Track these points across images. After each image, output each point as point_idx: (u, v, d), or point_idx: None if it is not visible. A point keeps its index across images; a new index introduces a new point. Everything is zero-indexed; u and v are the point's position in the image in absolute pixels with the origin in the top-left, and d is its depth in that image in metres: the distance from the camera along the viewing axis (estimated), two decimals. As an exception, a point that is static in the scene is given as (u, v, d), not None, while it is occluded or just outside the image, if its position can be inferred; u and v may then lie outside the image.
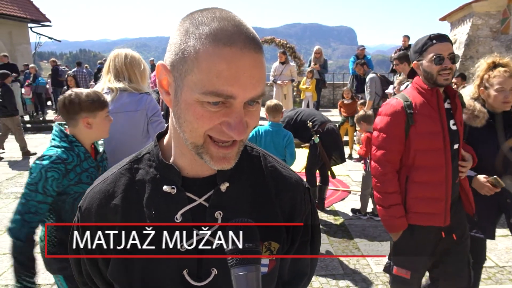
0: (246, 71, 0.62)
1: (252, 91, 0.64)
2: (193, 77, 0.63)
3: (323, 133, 4.39)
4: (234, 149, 0.69)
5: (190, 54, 0.63)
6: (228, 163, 0.69)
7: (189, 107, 0.65)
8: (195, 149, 0.69)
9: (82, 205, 0.81)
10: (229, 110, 0.64)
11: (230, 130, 0.65)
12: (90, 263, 0.82)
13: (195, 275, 0.75)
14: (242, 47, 0.62)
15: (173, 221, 0.74)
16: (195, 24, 0.64)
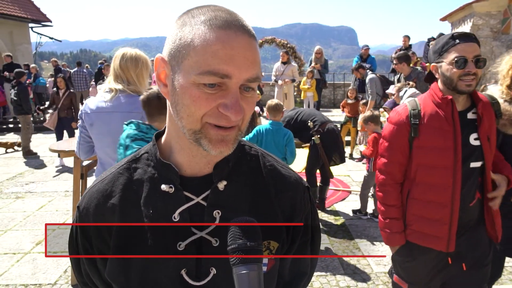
0: (241, 52, 0.64)
1: (247, 72, 0.65)
2: (189, 61, 0.65)
3: (323, 133, 4.38)
4: (232, 132, 0.69)
5: (186, 39, 0.65)
6: (226, 146, 0.69)
7: (185, 91, 0.66)
8: (193, 135, 0.69)
9: (81, 205, 0.81)
10: (225, 92, 0.65)
11: (226, 111, 0.65)
12: (88, 263, 0.82)
13: (194, 275, 0.75)
14: (236, 30, 0.65)
15: (171, 220, 0.74)
16: (191, 16, 0.68)
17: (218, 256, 0.74)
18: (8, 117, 11.99)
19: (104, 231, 0.77)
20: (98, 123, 2.26)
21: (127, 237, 0.75)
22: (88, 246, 0.80)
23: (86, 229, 0.79)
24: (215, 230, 0.75)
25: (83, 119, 2.32)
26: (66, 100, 7.19)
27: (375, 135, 4.24)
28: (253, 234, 0.67)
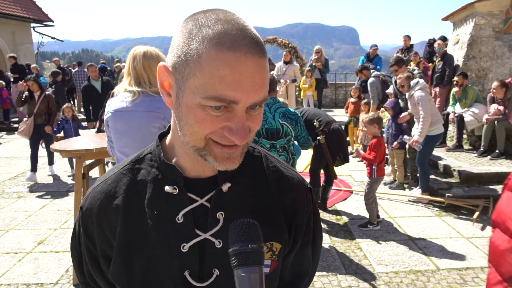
0: (249, 77, 0.61)
1: (255, 96, 0.63)
2: (195, 81, 0.62)
3: (328, 133, 4.37)
4: (238, 149, 0.68)
5: (192, 57, 0.62)
6: (233, 163, 0.69)
7: (190, 111, 0.64)
8: (197, 151, 0.68)
9: (84, 206, 0.81)
10: (231, 115, 0.64)
11: (231, 135, 0.64)
12: (92, 264, 0.82)
13: (197, 276, 0.75)
14: (245, 52, 0.61)
15: (174, 221, 0.74)
16: (198, 26, 0.63)
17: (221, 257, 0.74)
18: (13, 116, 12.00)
19: (108, 232, 0.77)
20: (118, 122, 2.19)
21: (130, 238, 0.75)
22: (91, 247, 0.80)
23: (89, 229, 0.79)
24: (219, 231, 0.74)
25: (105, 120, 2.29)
26: (42, 104, 6.19)
27: (376, 140, 4.16)
28: (255, 236, 0.66)
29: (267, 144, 3.07)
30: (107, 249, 0.78)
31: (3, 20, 14.97)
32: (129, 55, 2.21)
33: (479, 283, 3.17)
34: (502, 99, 6.02)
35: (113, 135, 2.28)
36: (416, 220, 4.47)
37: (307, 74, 9.25)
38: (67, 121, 6.26)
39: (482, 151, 6.25)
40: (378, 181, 4.21)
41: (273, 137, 3.11)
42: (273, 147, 3.15)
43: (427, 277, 3.28)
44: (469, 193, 4.97)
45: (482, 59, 7.16)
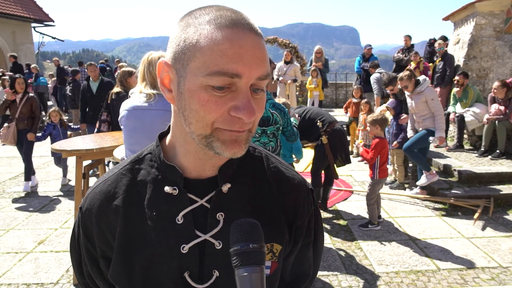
0: (249, 50, 0.62)
1: (258, 70, 0.63)
2: (196, 62, 0.62)
3: (331, 133, 4.36)
4: (243, 133, 0.67)
5: (191, 40, 0.63)
6: (240, 147, 0.67)
7: (193, 95, 0.64)
8: (204, 140, 0.67)
9: (83, 206, 0.80)
10: (235, 94, 0.63)
11: (239, 112, 0.63)
12: (91, 264, 0.81)
13: (197, 277, 0.74)
14: (243, 29, 0.62)
15: (174, 222, 0.73)
16: (194, 17, 0.65)
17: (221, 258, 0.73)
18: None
19: (107, 232, 0.76)
20: (130, 119, 2.25)
21: (130, 238, 0.75)
22: (90, 247, 0.80)
23: (89, 230, 0.79)
24: (219, 232, 0.74)
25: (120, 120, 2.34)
26: (24, 108, 5.51)
27: (379, 140, 4.11)
28: (256, 235, 0.66)
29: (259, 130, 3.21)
30: (106, 250, 0.77)
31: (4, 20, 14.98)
32: (143, 61, 2.27)
33: (479, 283, 3.17)
34: (503, 99, 6.01)
35: (125, 133, 2.31)
36: (417, 220, 4.46)
37: (313, 74, 9.26)
38: (54, 126, 5.79)
39: (483, 151, 6.24)
40: (380, 182, 4.19)
41: (264, 123, 3.27)
42: (264, 133, 3.31)
43: (428, 277, 3.27)
44: (470, 193, 4.96)
45: (482, 59, 7.15)
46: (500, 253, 3.65)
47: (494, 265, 3.45)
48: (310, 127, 4.38)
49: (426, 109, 4.87)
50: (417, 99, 4.86)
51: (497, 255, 3.62)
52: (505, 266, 3.43)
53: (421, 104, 4.86)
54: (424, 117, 4.92)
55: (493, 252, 3.68)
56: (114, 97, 4.42)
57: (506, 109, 5.97)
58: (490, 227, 4.25)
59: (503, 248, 3.75)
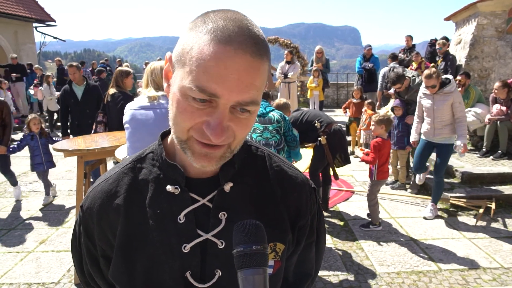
0: (234, 73, 0.59)
1: (239, 95, 0.60)
2: (185, 69, 0.62)
3: (330, 134, 4.36)
4: (218, 151, 0.67)
5: (187, 46, 0.63)
6: (209, 162, 0.67)
7: (175, 99, 0.65)
8: (180, 143, 0.68)
9: (84, 205, 0.80)
10: (213, 110, 0.62)
11: (207, 130, 0.62)
12: (91, 263, 0.81)
13: (199, 277, 0.74)
14: (236, 48, 0.59)
15: (176, 221, 0.73)
16: (204, 21, 0.64)
17: (223, 258, 0.73)
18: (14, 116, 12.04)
19: (108, 232, 0.76)
20: (136, 117, 2.31)
21: (131, 238, 0.75)
22: (91, 246, 0.79)
23: (89, 229, 0.78)
24: (221, 232, 0.73)
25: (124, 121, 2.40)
26: None
27: (377, 141, 4.07)
28: (259, 237, 0.66)
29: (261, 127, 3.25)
30: (107, 249, 0.77)
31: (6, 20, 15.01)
32: (147, 71, 2.44)
33: (481, 284, 3.16)
34: (505, 99, 5.99)
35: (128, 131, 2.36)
36: (418, 221, 4.46)
37: (314, 74, 9.26)
38: (32, 137, 4.93)
39: (485, 152, 6.23)
40: (378, 183, 4.16)
41: (266, 122, 3.35)
42: (266, 129, 3.40)
43: (429, 277, 3.27)
44: (472, 193, 4.96)
45: (484, 59, 7.14)
46: (502, 254, 3.64)
47: (496, 265, 3.44)
48: (308, 129, 4.40)
49: (449, 113, 4.29)
50: (443, 101, 4.28)
51: (498, 255, 3.61)
52: (507, 267, 3.42)
53: (446, 107, 4.27)
54: (445, 122, 4.32)
55: (494, 252, 3.67)
56: (110, 98, 4.35)
57: (508, 109, 5.96)
58: (492, 227, 4.24)
59: (505, 249, 3.74)
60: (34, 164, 4.99)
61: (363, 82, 8.89)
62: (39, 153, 4.97)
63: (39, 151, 4.97)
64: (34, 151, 4.96)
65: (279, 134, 3.42)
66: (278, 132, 3.39)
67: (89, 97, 5.29)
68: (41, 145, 4.97)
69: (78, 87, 5.32)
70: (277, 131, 3.38)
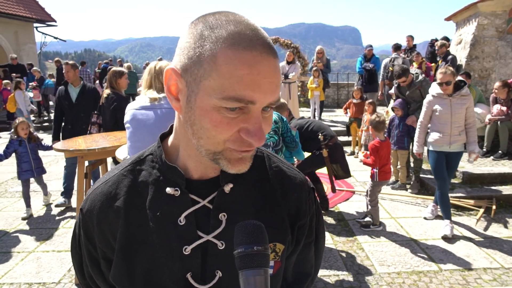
0: (267, 76, 0.61)
1: (272, 96, 0.63)
2: (211, 82, 0.61)
3: (332, 148, 4.42)
4: (251, 152, 0.68)
5: (206, 58, 0.61)
6: (244, 164, 0.68)
7: (205, 114, 0.63)
8: (211, 155, 0.67)
9: (84, 207, 0.79)
10: (247, 116, 0.63)
11: (249, 137, 0.63)
12: (92, 266, 0.81)
13: (199, 278, 0.74)
14: (261, 51, 0.61)
15: (176, 223, 0.73)
16: (209, 27, 0.62)
17: (224, 259, 0.73)
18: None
19: (108, 234, 0.76)
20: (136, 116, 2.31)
21: (131, 240, 0.74)
22: (91, 249, 0.79)
23: (89, 231, 0.78)
24: (221, 233, 0.74)
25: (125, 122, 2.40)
26: None
27: (374, 143, 4.10)
28: (260, 237, 0.65)
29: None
30: (107, 251, 0.77)
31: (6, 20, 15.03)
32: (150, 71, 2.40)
33: (481, 284, 3.16)
34: (505, 100, 6.00)
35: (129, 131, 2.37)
36: (418, 221, 4.46)
37: (314, 74, 9.28)
38: (20, 142, 4.61)
39: (485, 152, 6.23)
40: (380, 184, 4.19)
41: None
42: None
43: (430, 278, 3.27)
44: (472, 193, 4.96)
45: (485, 59, 7.14)
46: (502, 254, 3.64)
47: (496, 266, 3.44)
48: (311, 138, 4.43)
49: (464, 117, 3.99)
50: (461, 105, 3.89)
51: (499, 256, 3.61)
52: (507, 267, 3.42)
53: (463, 112, 3.93)
54: (461, 128, 3.97)
55: (495, 253, 3.67)
56: (104, 100, 4.31)
57: (508, 109, 5.96)
58: (492, 228, 4.24)
59: (505, 249, 3.74)
60: (22, 171, 4.64)
61: (363, 82, 8.90)
62: (28, 160, 4.64)
63: (28, 157, 4.63)
64: (22, 157, 4.63)
65: (277, 135, 3.43)
66: (276, 133, 3.40)
67: (85, 100, 4.83)
68: (30, 150, 4.65)
69: (73, 88, 4.88)
70: (275, 132, 3.39)
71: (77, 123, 4.81)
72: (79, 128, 4.76)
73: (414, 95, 5.28)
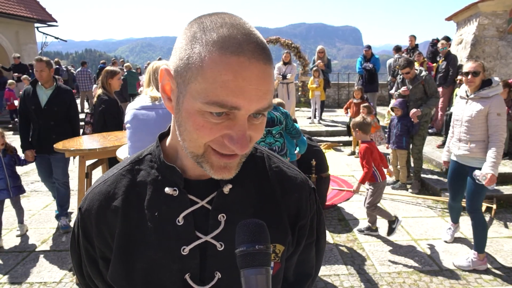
0: (253, 83, 0.59)
1: (258, 104, 0.61)
2: (197, 86, 0.60)
3: (320, 180, 4.46)
4: (236, 159, 0.67)
5: (195, 61, 0.60)
6: (228, 172, 0.68)
7: (189, 117, 0.63)
8: (194, 158, 0.67)
9: (82, 207, 0.79)
10: (232, 123, 0.62)
11: (232, 144, 0.62)
12: (90, 265, 0.81)
13: (198, 279, 0.74)
14: (250, 57, 0.59)
15: (175, 223, 0.73)
16: (203, 29, 0.61)
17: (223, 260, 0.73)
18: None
19: (106, 233, 0.76)
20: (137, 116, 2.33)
21: (130, 240, 0.74)
22: (90, 248, 0.79)
23: (88, 231, 0.78)
24: (220, 234, 0.73)
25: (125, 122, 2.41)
26: None
27: (367, 145, 3.87)
28: (262, 236, 0.65)
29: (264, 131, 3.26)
30: (106, 251, 0.77)
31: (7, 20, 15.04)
32: (149, 70, 2.46)
33: (482, 284, 3.16)
34: (506, 100, 5.99)
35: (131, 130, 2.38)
36: (419, 221, 4.46)
37: (315, 74, 9.28)
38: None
39: (486, 152, 6.22)
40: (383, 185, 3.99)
41: (269, 124, 3.28)
42: (269, 133, 3.34)
43: (430, 277, 3.27)
44: (472, 193, 4.95)
45: (485, 59, 7.13)
46: (502, 254, 3.64)
47: (497, 265, 3.44)
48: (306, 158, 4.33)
49: (482, 125, 3.23)
50: (478, 106, 3.25)
51: (499, 255, 3.61)
52: (507, 266, 3.42)
53: (480, 116, 3.22)
54: (475, 136, 3.25)
55: (495, 252, 3.67)
56: (95, 101, 4.23)
57: (509, 109, 5.95)
58: (492, 227, 4.24)
59: (505, 249, 3.73)
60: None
61: (363, 83, 8.90)
62: (3, 176, 3.78)
63: (3, 173, 3.78)
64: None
65: (282, 138, 3.40)
66: (281, 136, 3.37)
67: (57, 105, 3.93)
68: (5, 165, 3.81)
69: (43, 89, 3.93)
70: (280, 135, 3.35)
71: (45, 133, 3.93)
72: (47, 140, 3.88)
73: (417, 90, 5.21)
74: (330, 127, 9.32)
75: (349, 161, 7.09)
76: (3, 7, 14.67)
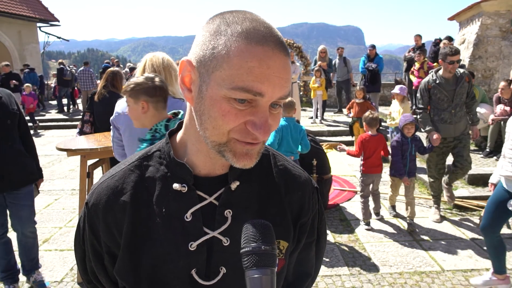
0: (276, 71, 0.63)
1: (280, 91, 0.64)
2: (222, 73, 0.63)
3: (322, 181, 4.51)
4: (257, 146, 0.69)
5: (220, 51, 0.63)
6: (250, 160, 0.69)
7: (214, 103, 0.65)
8: (216, 147, 0.68)
9: (89, 201, 0.79)
10: (255, 110, 0.65)
11: (255, 130, 0.64)
12: (95, 260, 0.81)
13: (204, 274, 0.74)
14: (273, 47, 0.63)
15: (183, 219, 0.74)
16: (226, 23, 0.65)
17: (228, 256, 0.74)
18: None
19: (114, 228, 0.76)
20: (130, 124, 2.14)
21: (137, 235, 0.75)
22: (95, 243, 0.79)
23: (95, 225, 0.78)
24: (227, 229, 0.74)
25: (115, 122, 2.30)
26: None
27: (365, 136, 4.24)
28: (268, 237, 0.66)
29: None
30: (112, 246, 0.77)
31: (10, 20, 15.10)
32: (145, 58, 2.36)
33: (484, 285, 3.14)
34: (508, 99, 5.97)
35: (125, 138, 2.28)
36: (421, 221, 4.44)
37: (316, 74, 9.27)
38: None
39: (488, 152, 6.21)
40: (365, 177, 4.28)
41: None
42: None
43: (432, 278, 3.26)
44: (475, 194, 4.94)
45: (488, 59, 7.11)
46: (505, 255, 3.62)
47: (499, 266, 3.41)
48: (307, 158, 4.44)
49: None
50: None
51: (502, 256, 3.59)
52: (510, 268, 3.40)
53: None
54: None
55: (498, 253, 3.65)
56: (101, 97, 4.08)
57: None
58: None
59: (507, 249, 3.71)
60: None
61: (366, 82, 8.89)
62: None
63: None
64: None
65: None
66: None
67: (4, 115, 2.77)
68: None
69: None
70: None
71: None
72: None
73: (463, 90, 4.02)
74: (332, 127, 9.31)
75: (351, 161, 7.08)
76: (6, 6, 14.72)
